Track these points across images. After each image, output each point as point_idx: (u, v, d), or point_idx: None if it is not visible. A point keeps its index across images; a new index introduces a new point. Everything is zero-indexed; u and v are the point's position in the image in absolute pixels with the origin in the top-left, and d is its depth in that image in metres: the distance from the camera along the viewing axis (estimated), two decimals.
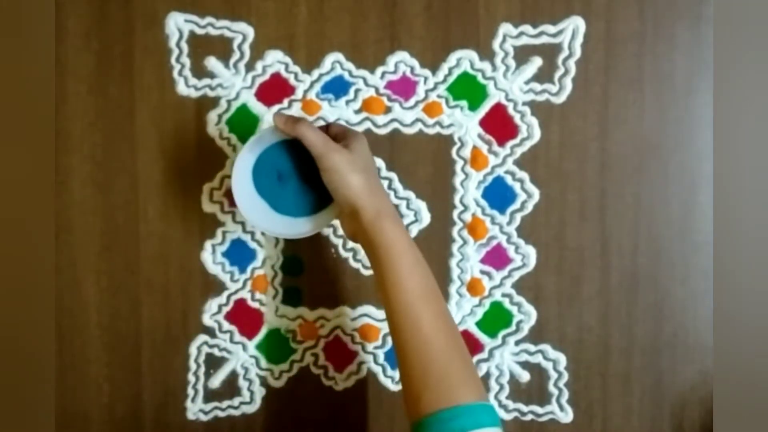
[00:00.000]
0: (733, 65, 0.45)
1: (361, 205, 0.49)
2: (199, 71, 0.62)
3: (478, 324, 0.63)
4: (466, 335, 0.63)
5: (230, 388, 0.63)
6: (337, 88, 0.62)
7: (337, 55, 0.61)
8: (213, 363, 0.63)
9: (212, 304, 0.63)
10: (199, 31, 0.61)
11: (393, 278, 0.48)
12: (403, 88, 0.62)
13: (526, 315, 0.62)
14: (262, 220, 0.52)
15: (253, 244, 0.62)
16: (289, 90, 0.62)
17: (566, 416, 0.62)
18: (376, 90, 0.62)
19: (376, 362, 0.63)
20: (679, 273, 0.62)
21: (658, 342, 0.62)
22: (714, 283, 0.61)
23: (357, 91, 0.62)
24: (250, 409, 0.63)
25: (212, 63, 0.61)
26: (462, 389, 0.45)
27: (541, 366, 0.62)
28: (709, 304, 0.62)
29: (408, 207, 0.62)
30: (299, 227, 0.53)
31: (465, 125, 0.61)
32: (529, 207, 0.62)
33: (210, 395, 0.63)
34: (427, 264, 0.49)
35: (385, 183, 0.62)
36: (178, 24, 0.61)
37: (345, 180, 0.49)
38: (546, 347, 0.62)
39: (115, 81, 0.62)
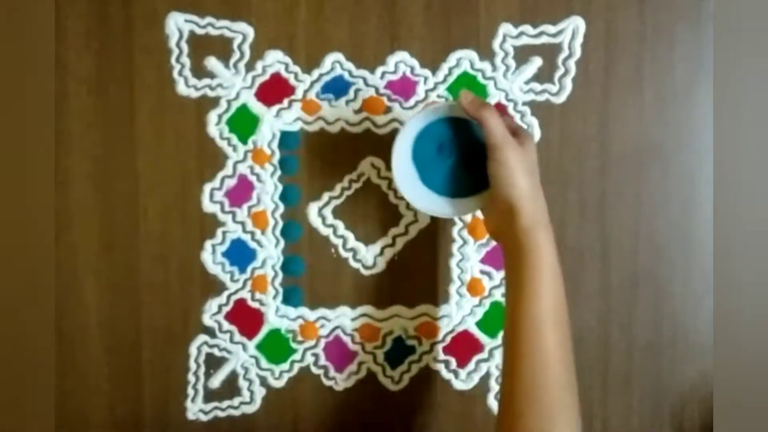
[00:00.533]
0: (733, 65, 0.45)
1: (521, 207, 0.48)
2: (199, 71, 0.62)
3: (478, 324, 0.63)
4: (467, 335, 0.63)
5: (230, 388, 0.63)
6: (337, 88, 0.62)
7: (337, 55, 0.61)
8: (213, 363, 0.63)
9: (212, 304, 0.62)
10: (199, 31, 0.61)
11: (532, 290, 0.47)
12: (403, 88, 0.62)
13: None
14: (410, 191, 0.52)
15: (253, 244, 0.62)
16: (289, 90, 0.62)
17: None
18: (376, 90, 0.62)
19: (376, 362, 0.63)
20: (679, 273, 0.62)
21: (658, 342, 0.62)
22: (714, 283, 0.61)
23: (357, 91, 0.62)
24: (250, 409, 0.63)
25: (212, 63, 0.61)
26: (565, 423, 0.45)
27: None
28: (709, 304, 0.62)
29: (408, 207, 0.62)
30: (443, 207, 0.53)
31: None
32: None
33: (210, 395, 0.63)
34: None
35: (385, 183, 0.62)
36: (178, 24, 0.61)
37: (513, 177, 0.48)
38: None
39: (115, 81, 0.62)
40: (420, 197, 0.53)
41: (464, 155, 0.52)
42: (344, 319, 0.63)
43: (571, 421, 0.45)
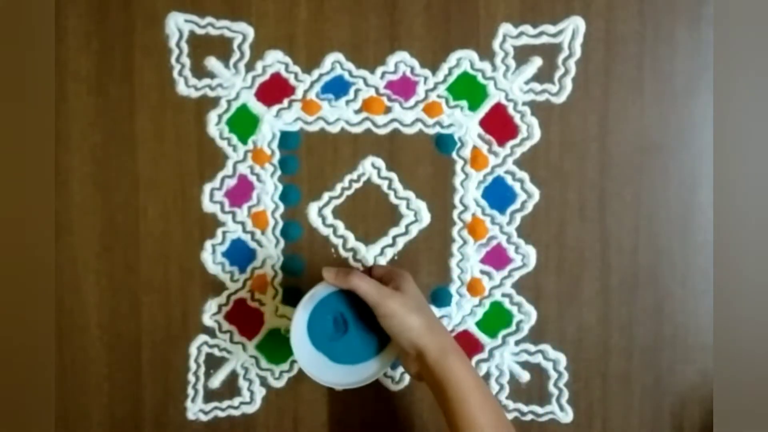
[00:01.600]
0: (733, 65, 0.45)
1: (423, 344, 0.50)
2: (199, 71, 0.62)
3: (478, 324, 0.63)
4: (466, 335, 0.63)
5: (230, 388, 0.63)
6: (337, 88, 0.62)
7: (337, 55, 0.61)
8: (213, 363, 0.63)
9: (212, 304, 0.62)
10: (199, 31, 0.61)
11: (464, 415, 0.48)
12: (403, 88, 0.62)
13: (526, 315, 0.62)
14: (325, 375, 0.54)
15: (253, 244, 0.62)
16: (289, 90, 0.62)
17: (566, 416, 0.62)
18: (376, 90, 0.62)
19: None
20: (679, 273, 0.62)
21: (658, 342, 0.62)
22: (714, 283, 0.61)
23: (357, 91, 0.62)
24: (250, 409, 0.63)
25: (212, 63, 0.62)
26: None
27: (541, 366, 0.62)
28: (709, 304, 0.62)
29: (408, 207, 0.62)
30: (363, 373, 0.54)
31: (465, 125, 0.61)
32: (529, 207, 0.62)
33: (210, 395, 0.63)
34: (495, 398, 0.50)
35: (385, 183, 0.62)
36: (178, 24, 0.61)
37: (404, 323, 0.50)
38: (546, 347, 0.62)
39: (115, 81, 0.62)
40: (337, 375, 0.54)
41: (360, 319, 0.54)
42: None
43: None
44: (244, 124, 0.62)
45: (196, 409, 0.63)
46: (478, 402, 0.49)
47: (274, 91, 0.62)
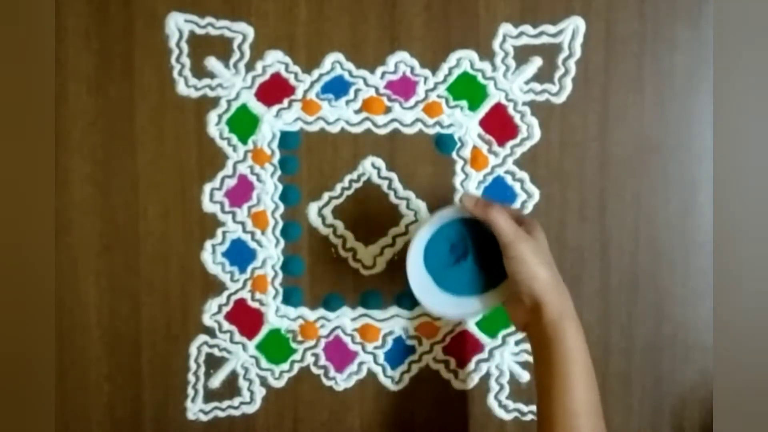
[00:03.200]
0: (733, 65, 0.45)
1: (546, 301, 0.48)
2: (199, 71, 0.62)
3: (479, 324, 0.63)
4: (467, 335, 0.63)
5: (230, 388, 0.63)
6: (337, 88, 0.62)
7: (337, 55, 0.61)
8: (213, 363, 0.63)
9: (212, 304, 0.62)
10: (199, 31, 0.61)
11: (564, 383, 0.47)
12: (403, 88, 0.62)
13: None
14: (430, 298, 0.52)
15: (253, 244, 0.62)
16: (289, 90, 0.62)
17: None
18: (376, 90, 0.62)
19: (376, 362, 0.63)
20: (679, 273, 0.62)
21: (658, 342, 0.62)
22: (714, 283, 0.61)
23: (357, 91, 0.62)
24: (250, 409, 0.63)
25: (212, 63, 0.62)
26: None
27: None
28: (709, 304, 0.62)
29: (408, 207, 0.62)
30: (467, 307, 0.52)
31: (465, 125, 0.61)
32: (529, 207, 0.62)
33: (210, 395, 0.63)
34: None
35: (385, 183, 0.62)
36: (178, 24, 0.61)
37: (532, 271, 0.48)
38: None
39: (115, 81, 0.62)
40: (440, 303, 0.53)
41: (477, 252, 0.52)
42: (344, 319, 0.63)
43: None
44: (244, 124, 0.62)
45: (196, 409, 0.63)
46: (582, 374, 0.47)
47: (274, 91, 0.62)
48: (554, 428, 0.46)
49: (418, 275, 0.52)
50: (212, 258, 0.62)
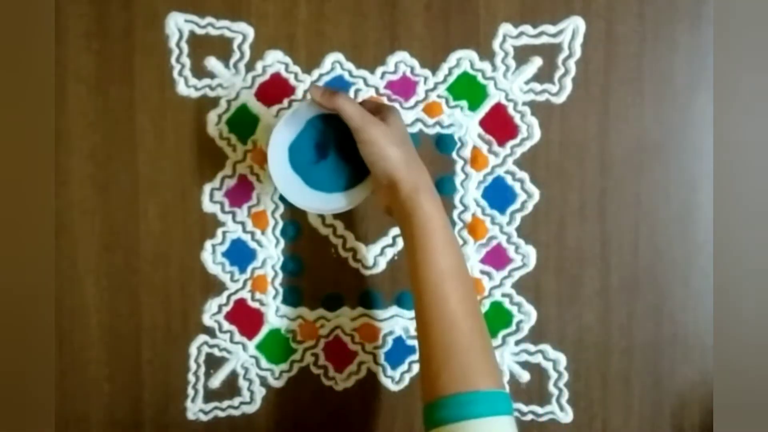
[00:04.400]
0: (733, 65, 0.45)
1: (399, 177, 0.48)
2: (199, 71, 0.62)
3: None
4: None
5: (230, 388, 0.63)
6: (337, 88, 0.62)
7: (337, 55, 0.61)
8: (213, 363, 0.63)
9: (212, 304, 0.63)
10: (199, 31, 0.61)
11: (424, 255, 0.47)
12: (403, 88, 0.62)
13: (526, 315, 0.62)
14: (299, 197, 0.53)
15: (253, 244, 0.62)
16: (289, 90, 0.62)
17: (566, 416, 0.62)
18: (376, 90, 0.62)
19: (376, 362, 0.63)
20: (679, 273, 0.62)
21: (658, 342, 0.62)
22: (714, 283, 0.61)
23: (357, 91, 0.62)
24: (250, 409, 0.63)
25: (212, 63, 0.62)
26: (481, 375, 0.45)
27: (541, 366, 0.62)
28: (709, 304, 0.62)
29: None
30: (335, 202, 0.53)
31: (465, 125, 0.61)
32: (529, 207, 0.62)
33: (210, 395, 0.63)
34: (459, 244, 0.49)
35: None
36: (178, 24, 0.61)
37: (383, 152, 0.48)
38: (546, 347, 0.62)
39: (115, 81, 0.62)
40: (314, 201, 0.53)
41: (338, 148, 0.53)
42: (344, 319, 0.63)
43: (492, 372, 0.46)
44: (244, 124, 0.62)
45: (196, 409, 0.63)
46: (441, 243, 0.48)
47: (274, 91, 0.62)
48: (424, 300, 0.47)
49: (284, 175, 0.53)
50: (212, 258, 0.62)
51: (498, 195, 0.62)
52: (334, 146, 0.53)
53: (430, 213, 0.48)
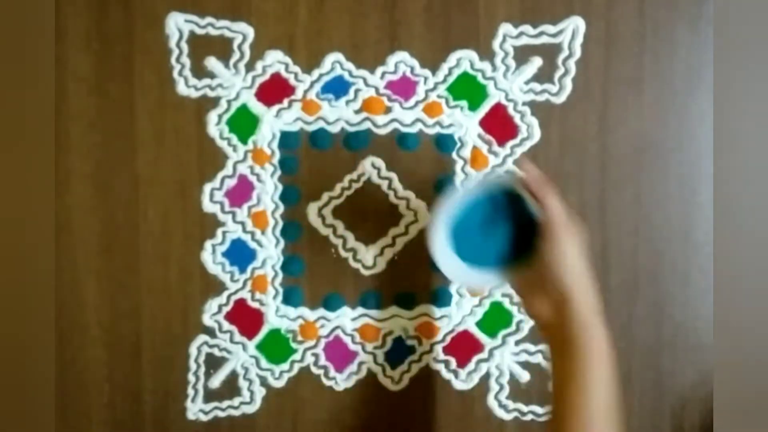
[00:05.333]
0: (733, 65, 0.45)
1: (578, 295, 0.45)
2: (199, 71, 0.62)
3: (478, 324, 0.62)
4: (466, 335, 0.63)
5: (230, 388, 0.63)
6: (337, 88, 0.62)
7: (337, 55, 0.61)
8: (213, 363, 0.63)
9: (212, 304, 0.62)
10: (199, 31, 0.61)
11: (583, 382, 0.44)
12: (403, 88, 0.62)
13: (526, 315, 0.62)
14: (448, 263, 0.49)
15: (253, 244, 0.62)
16: (289, 90, 0.62)
17: None
18: (376, 90, 0.62)
19: (376, 362, 0.63)
20: (679, 273, 0.62)
21: (658, 342, 0.62)
22: (714, 283, 0.61)
23: (357, 91, 0.62)
24: (250, 409, 0.63)
25: (212, 63, 0.62)
26: None
27: (541, 366, 0.62)
28: (709, 304, 0.62)
29: (408, 207, 0.62)
30: (482, 278, 0.50)
31: (465, 125, 0.61)
32: None
33: (210, 395, 0.63)
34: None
35: (385, 183, 0.62)
36: (178, 24, 0.61)
37: (570, 263, 0.45)
38: (546, 347, 0.62)
39: (115, 81, 0.62)
40: (458, 270, 0.50)
41: (509, 226, 0.49)
42: (344, 319, 0.63)
43: None
44: (244, 124, 0.62)
45: (196, 409, 0.63)
46: (605, 375, 0.44)
47: (274, 91, 0.62)
48: (570, 430, 0.44)
49: (441, 239, 0.49)
50: (212, 258, 0.62)
51: None
52: (504, 224, 0.49)
53: (602, 342, 0.44)
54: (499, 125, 0.61)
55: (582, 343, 0.44)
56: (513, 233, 0.49)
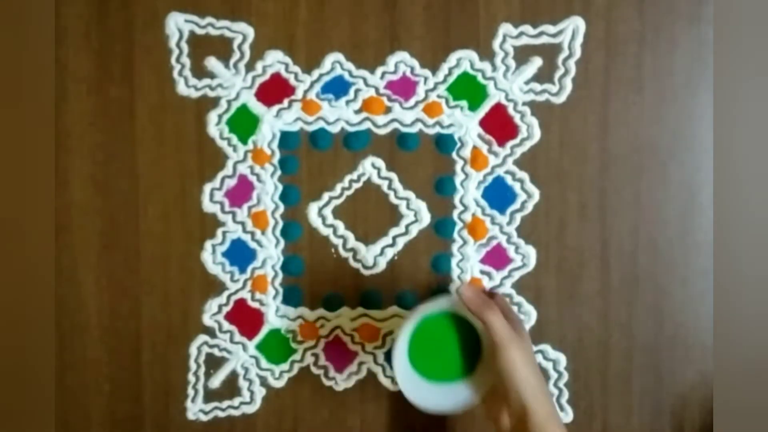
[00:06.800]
0: (733, 65, 0.45)
1: (535, 405, 0.48)
2: (199, 71, 0.62)
3: None
4: None
5: (230, 388, 0.63)
6: (337, 88, 0.62)
7: (337, 55, 0.61)
8: (213, 363, 0.63)
9: (212, 304, 0.63)
10: (199, 31, 0.61)
11: None
12: (403, 88, 0.62)
13: (526, 315, 0.62)
14: (419, 394, 0.53)
15: (253, 244, 0.62)
16: (289, 90, 0.62)
17: (566, 416, 0.62)
18: (376, 90, 0.62)
19: (376, 362, 0.63)
20: (679, 273, 0.62)
21: (658, 342, 0.62)
22: (714, 283, 0.61)
23: (357, 91, 0.62)
24: (250, 409, 0.63)
25: (212, 63, 0.62)
26: None
27: (541, 366, 0.62)
28: (709, 304, 0.62)
29: (408, 207, 0.62)
30: (453, 397, 0.53)
31: (465, 125, 0.61)
32: (529, 207, 0.62)
33: (210, 395, 0.63)
34: None
35: (385, 183, 0.62)
36: (178, 24, 0.61)
37: (522, 377, 0.49)
38: (546, 347, 0.62)
39: (115, 81, 0.62)
40: (431, 394, 0.54)
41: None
42: (344, 319, 0.63)
43: None
44: (244, 124, 0.62)
45: (196, 409, 0.63)
46: None
47: (274, 91, 0.62)
48: None
49: (404, 371, 0.53)
50: (212, 258, 0.62)
51: (498, 195, 0.62)
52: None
53: None
54: (499, 125, 0.61)
55: None
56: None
